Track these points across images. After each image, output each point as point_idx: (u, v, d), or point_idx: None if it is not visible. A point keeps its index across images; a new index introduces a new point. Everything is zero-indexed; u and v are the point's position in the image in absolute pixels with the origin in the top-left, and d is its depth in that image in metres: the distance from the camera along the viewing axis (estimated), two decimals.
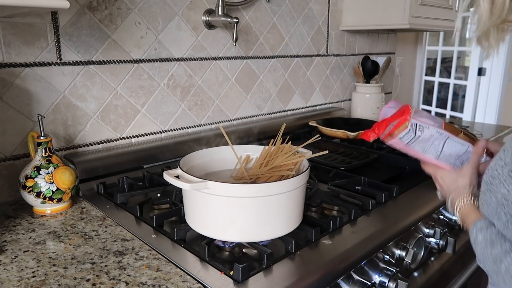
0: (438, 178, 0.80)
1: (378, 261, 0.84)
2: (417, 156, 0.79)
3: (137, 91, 1.17)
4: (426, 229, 1.01)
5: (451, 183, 0.76)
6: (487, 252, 0.60)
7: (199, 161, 0.89)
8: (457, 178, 0.75)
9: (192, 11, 1.25)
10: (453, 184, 0.75)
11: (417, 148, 0.77)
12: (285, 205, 0.74)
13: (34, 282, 0.64)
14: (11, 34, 0.92)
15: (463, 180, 0.74)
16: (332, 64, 1.84)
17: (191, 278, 0.66)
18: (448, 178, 0.77)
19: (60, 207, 0.91)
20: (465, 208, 0.71)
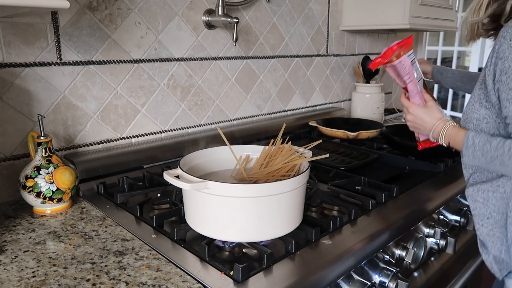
0: (412, 112, 0.94)
1: (378, 261, 0.84)
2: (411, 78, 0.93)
3: (137, 91, 1.17)
4: (426, 229, 1.01)
5: (427, 116, 0.91)
6: (487, 146, 0.76)
7: (199, 161, 0.89)
8: (431, 112, 0.92)
9: (192, 11, 1.25)
10: (429, 116, 0.91)
11: (414, 72, 0.92)
12: (285, 205, 0.74)
13: (34, 282, 0.64)
14: (11, 34, 0.92)
15: (437, 112, 0.92)
16: (332, 64, 1.84)
17: (191, 278, 0.66)
18: (423, 113, 0.92)
19: (60, 207, 0.91)
20: (452, 129, 0.86)
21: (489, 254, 0.85)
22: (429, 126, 0.91)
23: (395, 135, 1.40)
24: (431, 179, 1.17)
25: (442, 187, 1.11)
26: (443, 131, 0.88)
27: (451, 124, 0.88)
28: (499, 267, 0.84)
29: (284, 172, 0.84)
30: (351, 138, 1.46)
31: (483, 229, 0.84)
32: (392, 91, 2.28)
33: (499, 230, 0.82)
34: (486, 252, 0.85)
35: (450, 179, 1.17)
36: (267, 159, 0.88)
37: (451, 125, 0.88)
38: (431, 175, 1.19)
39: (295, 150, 0.90)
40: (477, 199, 0.85)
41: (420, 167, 1.27)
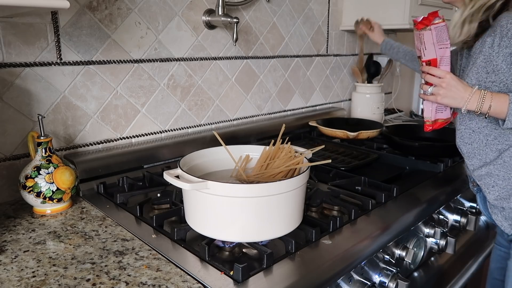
0: (447, 82, 0.91)
1: (378, 261, 0.84)
2: (447, 45, 0.92)
3: (137, 91, 1.17)
4: (426, 229, 1.01)
5: (461, 87, 0.90)
6: None
7: (199, 161, 0.89)
8: (462, 83, 0.91)
9: (192, 11, 1.25)
10: (463, 87, 0.90)
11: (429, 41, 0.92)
12: (285, 205, 0.74)
13: (34, 282, 0.64)
14: (11, 34, 0.92)
15: (467, 84, 0.92)
16: (332, 64, 1.84)
17: (191, 278, 0.66)
18: (457, 84, 0.91)
19: (60, 207, 0.91)
20: (490, 95, 0.87)
21: (497, 214, 0.96)
22: (466, 94, 0.90)
23: (395, 135, 1.40)
24: (431, 179, 1.17)
25: (442, 187, 1.11)
26: (482, 96, 0.88)
27: (486, 91, 0.89)
28: (509, 223, 0.95)
29: (283, 175, 0.84)
30: (351, 138, 1.46)
31: (491, 195, 0.96)
32: (392, 91, 2.28)
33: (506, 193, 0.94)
34: (495, 212, 0.97)
35: (450, 179, 1.17)
36: (267, 160, 0.88)
37: (488, 91, 0.88)
38: (431, 175, 1.20)
39: (295, 150, 0.90)
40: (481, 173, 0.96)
41: (420, 167, 1.27)
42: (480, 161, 0.96)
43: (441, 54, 0.92)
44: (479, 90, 0.89)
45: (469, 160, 0.99)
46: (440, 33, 0.91)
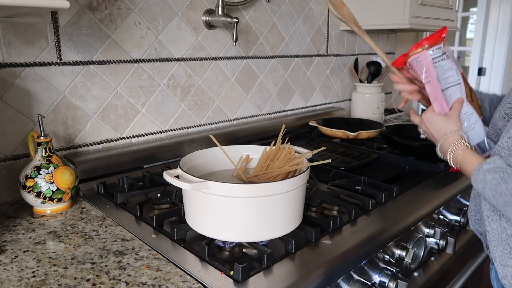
0: (425, 119, 0.82)
1: (378, 261, 0.84)
2: (429, 79, 0.79)
3: (137, 91, 1.17)
4: (426, 229, 1.01)
5: (441, 126, 0.78)
6: (501, 188, 0.64)
7: (199, 161, 0.89)
8: (446, 122, 0.78)
9: (192, 11, 1.25)
10: (442, 126, 0.78)
11: (435, 71, 0.79)
12: (285, 205, 0.74)
13: (34, 282, 0.64)
14: (11, 34, 0.92)
15: (454, 125, 0.77)
16: (332, 64, 1.84)
17: (191, 278, 0.66)
18: (438, 121, 0.79)
19: (60, 207, 0.91)
20: (461, 151, 0.74)
21: None
22: (438, 137, 0.79)
23: (395, 135, 1.40)
24: (431, 179, 1.17)
25: (442, 187, 1.11)
26: (451, 150, 0.75)
27: (464, 143, 0.74)
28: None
29: (283, 176, 0.84)
30: (351, 138, 1.46)
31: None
32: (392, 91, 2.28)
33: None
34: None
35: (450, 179, 1.17)
36: (267, 161, 0.87)
37: (464, 145, 0.74)
38: (431, 175, 1.19)
39: (296, 151, 0.90)
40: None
41: (420, 167, 1.27)
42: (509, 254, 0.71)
43: (427, 88, 0.81)
44: (455, 137, 0.75)
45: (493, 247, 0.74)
46: (416, 66, 0.81)
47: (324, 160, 0.86)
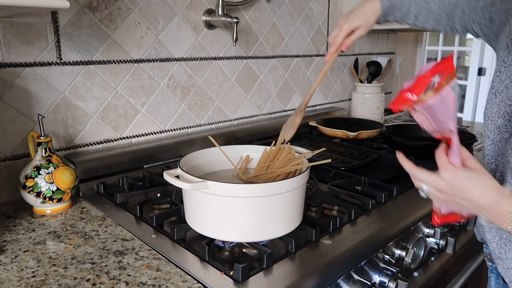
0: (448, 180, 0.58)
1: (378, 261, 0.84)
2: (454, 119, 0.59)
3: (137, 91, 1.17)
4: (426, 229, 1.01)
5: (475, 186, 0.57)
6: None
7: (199, 161, 0.89)
8: (480, 178, 0.57)
9: (192, 11, 1.25)
10: (479, 186, 0.56)
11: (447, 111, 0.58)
12: (285, 205, 0.74)
13: (34, 282, 0.64)
14: (11, 34, 0.92)
15: (490, 180, 0.57)
16: None
17: (191, 278, 0.66)
18: (467, 179, 0.57)
19: (60, 207, 0.91)
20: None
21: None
22: (481, 202, 0.56)
23: (395, 135, 1.40)
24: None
25: None
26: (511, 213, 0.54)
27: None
28: None
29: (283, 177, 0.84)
30: (351, 138, 1.46)
31: None
32: (392, 91, 2.28)
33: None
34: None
35: None
36: (268, 162, 0.87)
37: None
38: None
39: (296, 151, 0.90)
40: None
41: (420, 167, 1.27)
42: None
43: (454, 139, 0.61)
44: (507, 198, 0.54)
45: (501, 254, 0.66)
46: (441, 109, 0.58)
47: (324, 160, 0.86)
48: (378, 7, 0.86)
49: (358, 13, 0.87)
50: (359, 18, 0.86)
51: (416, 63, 2.50)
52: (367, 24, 0.86)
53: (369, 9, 0.87)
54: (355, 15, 0.87)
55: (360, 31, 0.87)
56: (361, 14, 0.87)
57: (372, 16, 0.87)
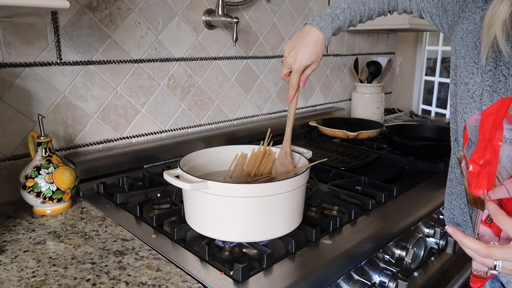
0: None
1: (378, 261, 0.84)
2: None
3: (137, 91, 1.17)
4: (426, 229, 1.01)
5: None
6: None
7: (199, 161, 0.89)
8: None
9: (192, 11, 1.25)
10: None
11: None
12: (285, 205, 0.74)
13: (34, 282, 0.64)
14: (11, 34, 0.92)
15: None
16: (332, 64, 1.84)
17: (191, 278, 0.66)
18: None
19: (60, 207, 0.91)
20: None
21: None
22: None
23: (395, 135, 1.40)
24: (431, 179, 1.17)
25: (442, 187, 1.11)
26: None
27: None
28: None
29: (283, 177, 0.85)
30: (351, 138, 1.46)
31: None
32: (392, 91, 2.28)
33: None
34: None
35: None
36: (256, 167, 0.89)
37: None
38: (431, 175, 1.19)
39: (296, 151, 0.90)
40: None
41: (420, 167, 1.27)
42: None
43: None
44: None
45: None
46: None
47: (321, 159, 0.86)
48: (322, 38, 0.82)
49: (306, 50, 0.81)
50: (309, 57, 0.82)
51: (416, 63, 2.50)
52: (318, 59, 0.83)
53: (316, 44, 0.82)
54: (303, 54, 0.81)
55: (313, 66, 0.84)
56: (308, 51, 0.82)
57: (321, 48, 0.83)
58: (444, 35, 0.79)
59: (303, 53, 0.81)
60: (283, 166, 0.89)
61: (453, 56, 0.71)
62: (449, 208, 0.79)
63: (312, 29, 0.82)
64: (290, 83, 0.86)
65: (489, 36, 0.59)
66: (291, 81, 0.85)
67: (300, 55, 0.82)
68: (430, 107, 3.82)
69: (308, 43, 0.82)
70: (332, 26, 0.83)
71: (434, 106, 3.77)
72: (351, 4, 0.85)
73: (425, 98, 2.65)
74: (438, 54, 3.85)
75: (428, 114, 2.62)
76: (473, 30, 0.66)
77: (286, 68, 0.85)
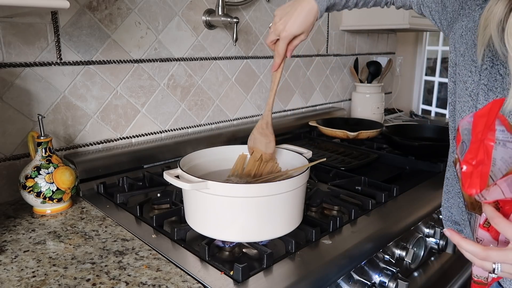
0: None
1: (378, 261, 0.84)
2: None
3: (137, 91, 1.17)
4: (426, 229, 1.01)
5: None
6: None
7: (199, 161, 0.89)
8: None
9: (192, 11, 1.25)
10: None
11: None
12: (285, 205, 0.74)
13: (34, 282, 0.64)
14: (11, 34, 0.92)
15: None
16: (332, 64, 1.84)
17: (191, 278, 0.66)
18: None
19: (60, 207, 0.91)
20: None
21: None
22: None
23: (395, 135, 1.40)
24: (431, 179, 1.17)
25: (442, 187, 1.11)
26: None
27: None
28: None
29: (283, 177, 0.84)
30: (351, 138, 1.46)
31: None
32: (392, 91, 2.28)
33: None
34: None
35: None
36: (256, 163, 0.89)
37: None
38: (431, 175, 1.19)
39: (295, 151, 0.90)
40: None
41: (420, 167, 1.27)
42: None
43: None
44: None
45: None
46: None
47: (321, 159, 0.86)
48: (316, 9, 0.80)
49: (297, 18, 0.79)
50: (299, 26, 0.79)
51: (416, 63, 2.50)
52: (308, 29, 0.81)
53: (309, 14, 0.79)
54: (294, 22, 0.79)
55: (302, 37, 0.82)
56: (299, 19, 0.79)
57: (313, 19, 0.80)
58: (443, 32, 0.78)
59: (294, 21, 0.79)
60: (263, 136, 0.87)
61: (452, 54, 0.71)
62: (446, 206, 0.79)
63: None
64: (276, 51, 0.83)
65: (485, 36, 0.59)
66: (277, 49, 0.82)
67: (291, 22, 0.79)
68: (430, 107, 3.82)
69: (301, 11, 0.79)
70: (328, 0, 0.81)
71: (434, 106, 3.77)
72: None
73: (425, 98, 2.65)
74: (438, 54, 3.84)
75: (428, 114, 2.62)
76: (473, 28, 0.65)
77: (274, 34, 0.82)
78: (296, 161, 0.88)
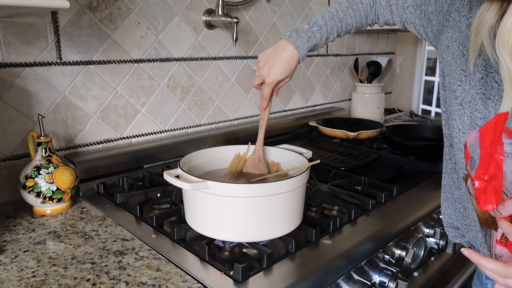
0: None
1: (378, 261, 0.84)
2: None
3: (137, 91, 1.17)
4: (426, 229, 1.01)
5: None
6: None
7: (199, 161, 0.89)
8: None
9: (192, 11, 1.25)
10: None
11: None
12: (285, 205, 0.74)
13: (34, 282, 0.64)
14: (11, 34, 0.92)
15: None
16: (332, 64, 1.84)
17: (191, 278, 0.66)
18: None
19: (60, 207, 0.91)
20: None
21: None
22: None
23: (395, 135, 1.40)
24: (431, 179, 1.17)
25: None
26: None
27: None
28: None
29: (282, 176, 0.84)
30: (351, 138, 1.46)
31: None
32: (392, 91, 2.28)
33: None
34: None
35: None
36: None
37: None
38: (431, 175, 1.19)
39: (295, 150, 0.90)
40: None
41: (420, 167, 1.27)
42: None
43: None
44: None
45: None
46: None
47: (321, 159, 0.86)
48: (297, 56, 0.84)
49: (279, 66, 0.83)
50: (282, 73, 0.84)
51: (416, 63, 2.50)
52: (292, 73, 0.86)
53: (291, 62, 0.84)
54: (276, 69, 0.83)
55: (286, 80, 0.86)
56: (281, 67, 0.83)
57: (295, 65, 0.85)
58: (431, 44, 0.78)
59: (277, 68, 0.83)
60: (256, 169, 0.90)
61: (441, 64, 0.71)
62: (447, 213, 0.79)
63: (287, 45, 0.84)
64: (262, 95, 0.87)
65: (476, 42, 0.58)
66: (263, 94, 0.87)
67: (274, 70, 0.83)
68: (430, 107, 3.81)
69: (283, 59, 0.83)
70: (308, 45, 0.85)
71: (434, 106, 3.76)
72: (328, 21, 0.86)
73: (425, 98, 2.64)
74: None
75: (428, 114, 2.62)
76: (459, 38, 0.65)
77: (259, 78, 0.86)
78: (296, 161, 0.88)
